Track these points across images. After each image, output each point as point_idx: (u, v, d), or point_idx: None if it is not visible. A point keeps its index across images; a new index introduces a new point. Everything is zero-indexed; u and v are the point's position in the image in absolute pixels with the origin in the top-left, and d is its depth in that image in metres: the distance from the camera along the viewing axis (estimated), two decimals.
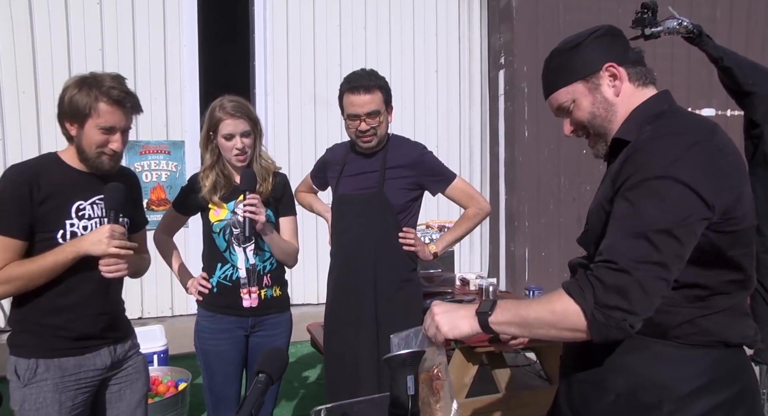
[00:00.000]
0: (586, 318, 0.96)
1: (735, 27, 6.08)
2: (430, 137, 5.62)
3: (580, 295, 0.97)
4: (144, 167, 4.89)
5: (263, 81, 5.23)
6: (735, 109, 4.69)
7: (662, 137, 1.01)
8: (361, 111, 2.02)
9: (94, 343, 1.62)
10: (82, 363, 1.59)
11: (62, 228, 1.54)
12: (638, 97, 1.14)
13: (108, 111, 1.52)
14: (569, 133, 1.21)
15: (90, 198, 1.60)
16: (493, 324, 1.05)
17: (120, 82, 1.58)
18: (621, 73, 1.13)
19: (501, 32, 5.69)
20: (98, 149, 1.55)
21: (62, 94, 1.55)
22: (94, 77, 1.54)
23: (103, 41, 4.73)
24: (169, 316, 4.92)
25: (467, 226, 2.23)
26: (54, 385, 1.54)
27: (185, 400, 2.87)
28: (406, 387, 1.04)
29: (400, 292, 2.12)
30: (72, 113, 1.52)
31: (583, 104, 1.15)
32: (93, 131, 1.53)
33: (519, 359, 3.63)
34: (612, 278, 0.95)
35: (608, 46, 1.14)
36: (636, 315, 0.94)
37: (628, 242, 0.96)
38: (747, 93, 2.14)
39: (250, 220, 1.82)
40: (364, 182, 2.13)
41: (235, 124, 1.89)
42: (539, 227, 5.59)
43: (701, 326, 1.03)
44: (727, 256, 1.03)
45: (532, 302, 1.05)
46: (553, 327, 1.00)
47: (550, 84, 1.19)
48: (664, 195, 0.96)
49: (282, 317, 2.06)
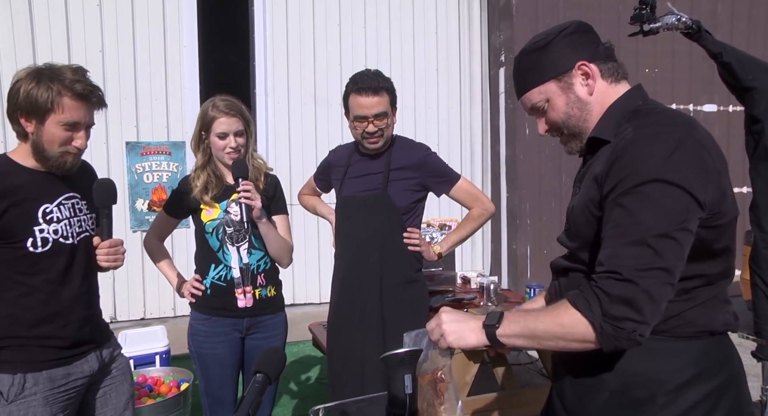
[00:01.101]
0: (594, 330, 0.96)
1: (736, 22, 6.06)
2: (430, 136, 5.62)
3: (587, 307, 0.97)
4: (145, 168, 4.90)
5: (263, 81, 5.23)
6: (737, 104, 4.67)
7: (646, 137, 1.00)
8: (370, 113, 2.01)
9: (82, 349, 1.55)
10: (70, 372, 1.51)
11: (31, 236, 1.43)
12: (611, 94, 1.13)
13: (72, 106, 1.40)
14: (544, 132, 1.21)
15: (55, 200, 1.49)
16: (501, 337, 1.05)
17: (83, 74, 1.45)
18: (593, 71, 1.11)
19: (501, 30, 5.68)
20: (61, 147, 1.43)
21: (14, 86, 1.40)
22: (52, 69, 1.41)
23: (103, 42, 4.74)
24: (171, 317, 4.93)
25: (472, 226, 2.22)
26: (44, 398, 1.45)
27: (187, 400, 2.87)
28: (404, 385, 1.04)
29: (406, 292, 2.11)
30: (29, 108, 1.39)
31: (557, 103, 1.14)
32: (55, 127, 1.40)
33: (521, 357, 3.63)
34: (617, 289, 0.95)
35: (579, 44, 1.12)
36: (646, 324, 0.94)
37: (629, 251, 0.95)
38: (747, 88, 2.12)
39: (247, 206, 1.82)
40: (368, 184, 2.12)
41: (229, 122, 1.89)
42: (541, 224, 5.59)
43: (687, 318, 1.04)
44: (713, 249, 1.03)
45: (539, 315, 1.04)
46: (561, 339, 1.01)
47: (521, 84, 1.18)
48: (658, 199, 0.95)
49: (277, 318, 2.05)
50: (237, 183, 1.86)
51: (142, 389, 2.86)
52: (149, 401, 2.72)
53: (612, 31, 5.54)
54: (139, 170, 4.88)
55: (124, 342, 3.24)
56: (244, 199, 1.82)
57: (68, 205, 1.52)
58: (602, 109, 1.13)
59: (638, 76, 5.68)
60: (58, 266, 1.47)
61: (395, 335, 2.09)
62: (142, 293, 4.90)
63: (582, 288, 1.01)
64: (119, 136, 4.81)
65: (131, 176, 4.85)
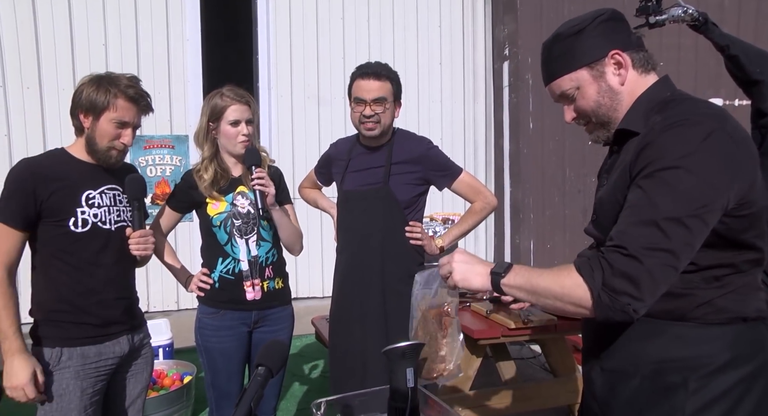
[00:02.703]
0: (592, 297, 0.98)
1: (744, 14, 6.00)
2: (434, 130, 5.60)
3: (590, 274, 0.99)
4: (148, 162, 4.90)
5: (266, 75, 5.22)
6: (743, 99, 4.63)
7: (675, 126, 1.00)
8: (368, 96, 2.01)
9: (115, 329, 1.69)
10: (102, 351, 1.66)
11: (74, 216, 1.62)
12: (641, 84, 1.13)
13: (124, 106, 1.63)
14: (571, 120, 1.20)
15: (99, 188, 1.69)
16: (504, 285, 1.08)
17: (136, 82, 1.69)
18: (626, 60, 1.11)
19: (505, 23, 5.64)
20: (110, 142, 1.65)
21: (78, 90, 1.65)
22: (111, 77, 1.66)
23: (107, 36, 4.73)
24: (174, 310, 4.95)
25: (474, 220, 2.21)
26: (75, 372, 1.61)
27: (190, 393, 2.88)
28: (406, 379, 1.04)
29: (407, 286, 2.08)
30: (89, 106, 1.62)
31: (588, 92, 1.12)
32: (107, 123, 1.63)
33: (523, 351, 3.63)
34: (622, 263, 0.96)
35: (612, 32, 1.12)
36: (642, 301, 0.96)
37: (639, 229, 0.97)
38: (754, 82, 2.10)
39: (261, 193, 1.83)
40: (369, 178, 2.11)
41: (241, 110, 1.90)
42: (544, 219, 5.57)
43: (718, 305, 1.04)
44: (742, 238, 1.03)
45: (543, 273, 1.07)
46: (559, 299, 1.03)
47: (551, 70, 1.16)
48: (676, 185, 0.96)
49: (285, 311, 2.05)
50: (250, 171, 1.87)
51: None
52: (153, 393, 2.74)
53: None
54: (143, 163, 4.88)
55: None
56: (259, 186, 1.83)
57: (110, 195, 1.71)
58: (632, 99, 1.12)
59: None
60: (93, 248, 1.64)
61: (397, 329, 2.10)
62: (146, 286, 4.92)
63: (590, 257, 1.03)
64: None
65: None
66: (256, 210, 1.88)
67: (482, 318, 2.51)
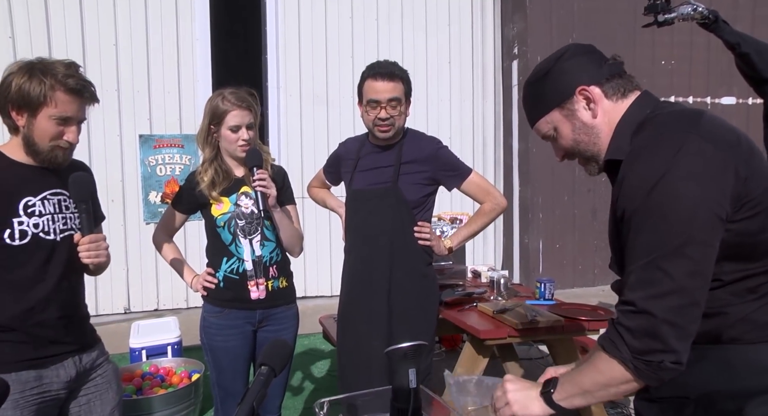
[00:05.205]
0: (628, 370, 0.96)
1: (759, 12, 5.91)
2: (443, 129, 5.59)
3: (614, 349, 0.97)
4: (158, 161, 4.94)
5: (275, 74, 5.24)
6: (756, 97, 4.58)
7: (639, 157, 0.98)
8: (383, 98, 2.00)
9: (56, 351, 1.48)
10: (43, 376, 1.44)
11: (9, 227, 1.40)
12: (618, 111, 1.10)
13: (65, 100, 1.39)
14: (561, 159, 1.21)
15: (39, 194, 1.46)
16: (558, 401, 1.07)
17: (76, 69, 1.43)
18: (594, 94, 1.09)
19: (514, 22, 5.62)
20: (52, 141, 1.42)
21: (5, 79, 1.39)
22: (45, 63, 1.40)
23: (117, 36, 4.78)
24: (184, 308, 4.99)
25: (483, 221, 2.20)
26: (13, 401, 1.38)
27: (198, 391, 2.90)
28: (408, 380, 1.03)
29: (415, 287, 2.11)
30: (21, 101, 1.38)
31: (564, 131, 1.14)
32: (46, 121, 1.39)
33: (531, 352, 3.61)
34: (636, 322, 0.94)
35: (577, 68, 1.10)
36: (675, 352, 0.92)
37: (639, 276, 0.95)
38: (766, 80, 2.07)
39: (263, 194, 1.83)
40: (378, 177, 2.10)
41: (242, 115, 1.90)
42: (553, 218, 5.54)
43: (756, 321, 1.00)
44: (762, 238, 0.98)
45: (582, 369, 1.05)
46: (608, 386, 1.00)
47: (529, 115, 1.19)
48: (658, 217, 0.93)
49: (289, 310, 2.06)
50: (252, 172, 1.87)
51: (154, 379, 2.90)
52: (161, 391, 2.76)
53: (628, 21, 5.45)
54: (152, 162, 4.92)
55: (136, 333, 3.29)
56: (260, 187, 1.83)
57: (54, 201, 1.48)
58: (611, 128, 1.10)
59: (654, 69, 5.58)
60: (35, 262, 1.43)
61: (404, 329, 2.10)
62: (156, 284, 4.97)
63: (607, 329, 1.00)
64: (132, 128, 4.86)
65: (144, 168, 4.90)
66: (252, 214, 1.90)
67: (489, 318, 2.51)
